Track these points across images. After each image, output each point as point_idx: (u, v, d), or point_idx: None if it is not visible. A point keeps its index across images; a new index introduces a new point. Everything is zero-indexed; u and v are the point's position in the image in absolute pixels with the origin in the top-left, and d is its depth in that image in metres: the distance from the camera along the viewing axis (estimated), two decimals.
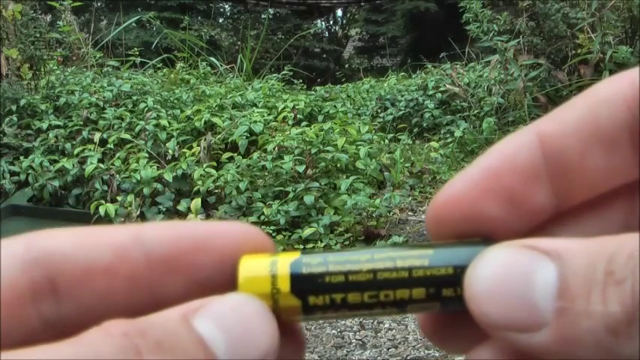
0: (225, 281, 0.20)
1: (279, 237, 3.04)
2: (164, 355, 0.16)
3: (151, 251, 0.19)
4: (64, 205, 3.81)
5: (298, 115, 4.52)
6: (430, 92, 5.65)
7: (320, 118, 4.61)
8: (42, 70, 5.33)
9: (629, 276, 0.16)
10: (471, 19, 4.86)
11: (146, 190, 3.39)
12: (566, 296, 0.17)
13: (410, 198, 3.53)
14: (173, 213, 3.36)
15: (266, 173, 3.52)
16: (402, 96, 5.72)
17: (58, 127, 4.37)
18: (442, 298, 0.19)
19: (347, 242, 3.02)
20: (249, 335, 0.18)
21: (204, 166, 3.57)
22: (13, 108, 4.52)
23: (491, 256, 0.18)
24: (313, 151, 3.53)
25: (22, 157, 4.05)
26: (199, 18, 11.31)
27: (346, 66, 12.66)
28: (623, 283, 0.16)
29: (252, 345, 0.18)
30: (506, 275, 0.18)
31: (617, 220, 0.21)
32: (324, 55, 13.01)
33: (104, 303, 0.19)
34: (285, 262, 0.19)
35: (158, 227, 0.20)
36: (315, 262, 0.19)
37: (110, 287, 0.19)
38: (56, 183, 3.78)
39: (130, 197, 3.32)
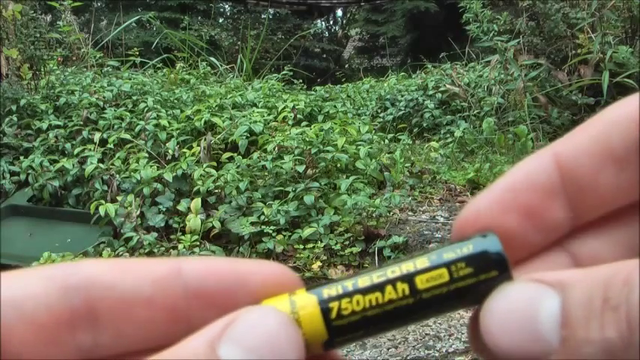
0: None
1: (279, 237, 3.03)
2: None
3: (190, 285, 0.20)
4: (64, 205, 3.81)
5: (298, 115, 4.52)
6: (430, 92, 5.65)
7: (320, 118, 4.61)
8: (42, 70, 5.32)
9: (624, 302, 0.17)
10: (471, 19, 4.86)
11: (146, 190, 3.39)
12: (568, 325, 0.18)
13: (410, 198, 3.53)
14: (173, 213, 3.36)
15: (266, 173, 3.52)
16: (402, 96, 5.72)
17: (58, 127, 4.37)
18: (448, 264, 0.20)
19: (347, 242, 3.01)
20: (276, 350, 0.18)
21: (204, 166, 3.57)
22: (13, 108, 4.52)
23: (503, 292, 0.20)
24: (313, 151, 3.53)
25: (22, 157, 4.05)
26: (199, 18, 11.31)
27: (346, 66, 12.66)
28: (618, 309, 0.17)
29: (281, 358, 0.18)
30: (514, 310, 0.19)
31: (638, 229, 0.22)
32: (324, 55, 13.01)
33: (142, 333, 0.19)
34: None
35: (197, 262, 0.21)
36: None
37: (150, 318, 0.20)
38: (56, 183, 3.78)
39: (130, 197, 3.32)
